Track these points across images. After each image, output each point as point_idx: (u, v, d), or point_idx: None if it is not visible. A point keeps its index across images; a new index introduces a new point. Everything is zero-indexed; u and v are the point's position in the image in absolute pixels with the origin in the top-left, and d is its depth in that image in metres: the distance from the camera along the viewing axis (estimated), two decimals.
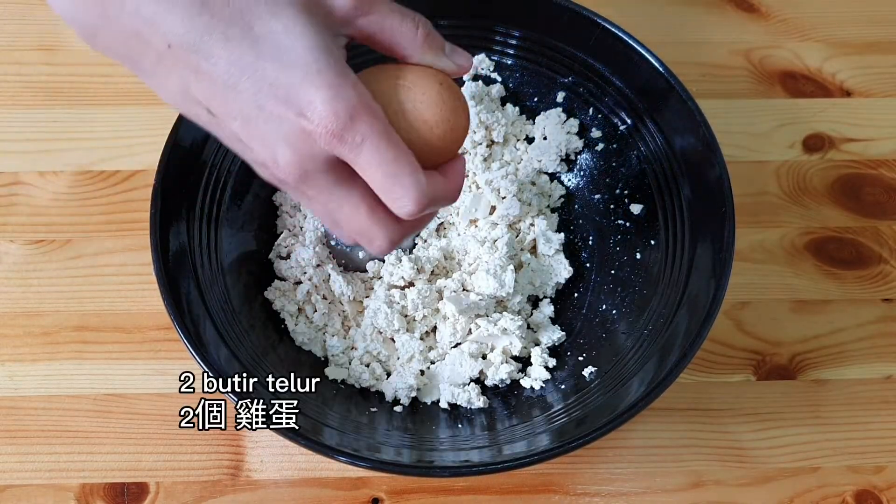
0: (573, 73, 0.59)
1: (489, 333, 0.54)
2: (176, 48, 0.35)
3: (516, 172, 0.60)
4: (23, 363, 0.57)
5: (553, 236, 0.58)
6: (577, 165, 0.61)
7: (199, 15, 0.35)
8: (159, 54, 0.36)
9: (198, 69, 0.36)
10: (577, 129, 0.60)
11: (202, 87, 0.36)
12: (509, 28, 0.59)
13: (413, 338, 0.55)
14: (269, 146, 0.37)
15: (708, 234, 0.52)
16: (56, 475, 0.53)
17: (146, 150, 0.63)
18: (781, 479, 0.55)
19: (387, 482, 0.54)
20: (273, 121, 0.36)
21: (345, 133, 0.36)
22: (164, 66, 0.36)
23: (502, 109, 0.61)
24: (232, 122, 0.37)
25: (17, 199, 0.62)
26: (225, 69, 0.35)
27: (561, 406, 0.51)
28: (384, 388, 0.54)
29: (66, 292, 0.59)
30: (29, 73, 0.66)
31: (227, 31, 0.35)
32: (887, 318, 0.60)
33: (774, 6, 0.72)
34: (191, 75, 0.36)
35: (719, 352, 0.59)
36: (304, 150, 0.37)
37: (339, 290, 0.55)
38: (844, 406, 0.58)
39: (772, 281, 0.61)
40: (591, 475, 0.55)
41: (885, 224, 0.64)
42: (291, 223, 0.58)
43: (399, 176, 0.37)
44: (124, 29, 0.36)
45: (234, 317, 0.52)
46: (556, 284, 0.58)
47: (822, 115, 0.68)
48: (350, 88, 0.36)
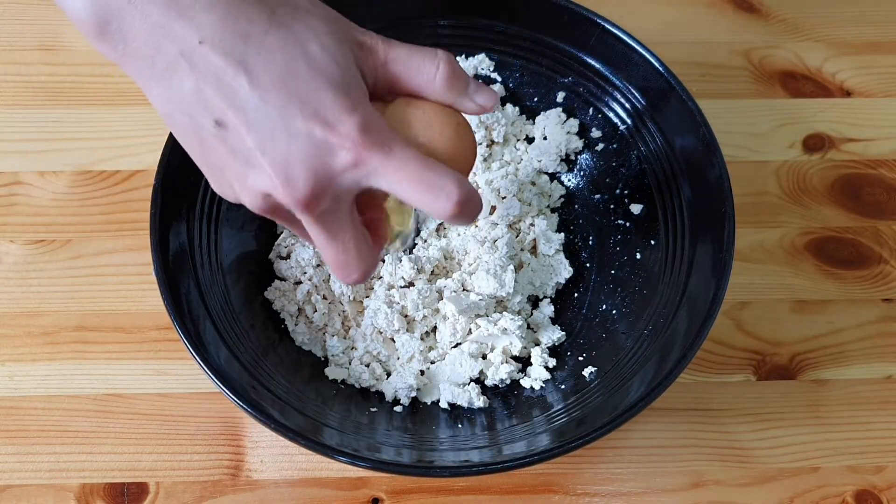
0: (573, 73, 0.59)
1: (489, 333, 0.54)
2: (207, 46, 0.35)
3: (516, 172, 0.60)
4: (23, 363, 0.57)
5: (553, 236, 0.58)
6: (577, 165, 0.61)
7: (237, 18, 0.35)
8: (183, 52, 0.35)
9: (224, 73, 0.35)
10: (577, 129, 0.60)
11: (225, 93, 0.35)
12: (509, 28, 0.59)
13: (413, 338, 0.55)
14: (286, 163, 0.36)
15: (708, 234, 0.52)
16: (56, 475, 0.53)
17: (146, 150, 0.63)
18: (781, 479, 0.55)
19: (387, 482, 0.54)
20: (298, 136, 0.35)
21: (374, 144, 0.36)
22: (181, 65, 0.35)
23: (502, 109, 0.61)
24: (247, 136, 0.36)
25: (17, 199, 0.62)
26: (256, 78, 0.35)
27: (561, 406, 0.51)
28: (384, 388, 0.54)
29: (66, 292, 0.59)
30: (29, 73, 0.66)
31: (265, 40, 0.35)
32: (887, 318, 0.60)
33: (774, 6, 0.72)
34: (212, 79, 0.35)
35: (719, 352, 0.59)
36: (324, 170, 0.36)
37: (340, 289, 0.55)
38: (844, 406, 0.58)
39: (772, 281, 0.61)
40: (591, 475, 0.55)
41: (885, 224, 0.64)
42: None
43: (435, 177, 0.37)
44: (149, 19, 0.35)
45: (234, 317, 0.52)
46: (557, 284, 0.58)
47: (822, 115, 0.68)
48: (375, 113, 0.37)
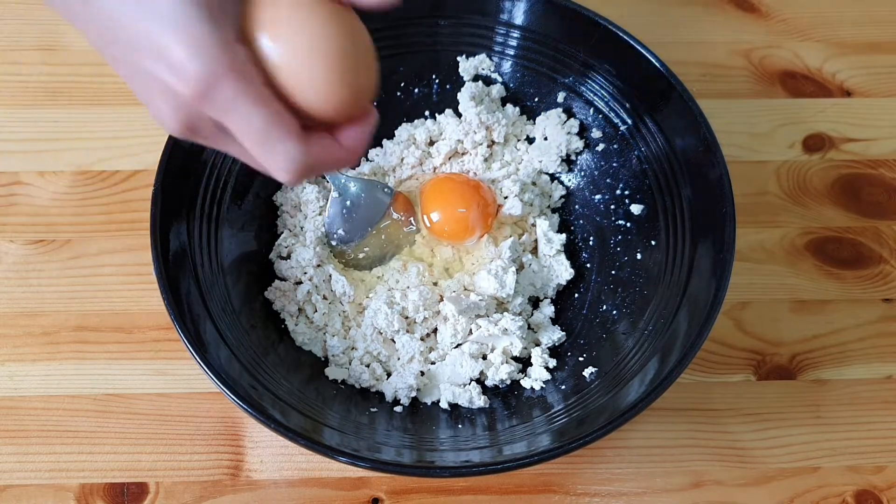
0: (573, 73, 0.59)
1: (490, 334, 0.54)
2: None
3: (517, 172, 0.60)
4: (23, 363, 0.57)
5: (554, 237, 0.58)
6: (577, 166, 0.61)
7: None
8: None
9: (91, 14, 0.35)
10: (578, 129, 0.60)
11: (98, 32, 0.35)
12: (509, 28, 0.59)
13: (413, 338, 0.55)
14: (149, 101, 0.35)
15: (708, 235, 0.52)
16: (56, 475, 0.53)
17: (146, 150, 0.63)
18: (781, 480, 0.55)
19: (387, 482, 0.54)
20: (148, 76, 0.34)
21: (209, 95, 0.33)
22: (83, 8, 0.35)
23: (502, 110, 0.61)
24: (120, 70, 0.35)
25: (17, 199, 0.62)
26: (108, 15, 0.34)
27: (561, 406, 0.51)
28: (384, 388, 0.54)
29: (66, 292, 0.59)
30: (29, 73, 0.66)
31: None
32: (887, 318, 0.60)
33: (774, 6, 0.72)
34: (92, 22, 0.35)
35: (719, 352, 0.59)
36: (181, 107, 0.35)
37: (342, 289, 0.55)
38: (844, 406, 0.58)
39: (772, 281, 0.61)
40: (591, 475, 0.55)
41: (885, 224, 0.64)
42: (292, 223, 0.58)
43: (270, 143, 0.35)
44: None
45: (235, 317, 0.52)
46: (557, 286, 0.58)
47: (822, 115, 0.68)
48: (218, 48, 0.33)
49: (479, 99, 0.60)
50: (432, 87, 0.62)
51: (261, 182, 0.57)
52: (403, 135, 0.61)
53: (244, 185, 0.56)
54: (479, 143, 0.60)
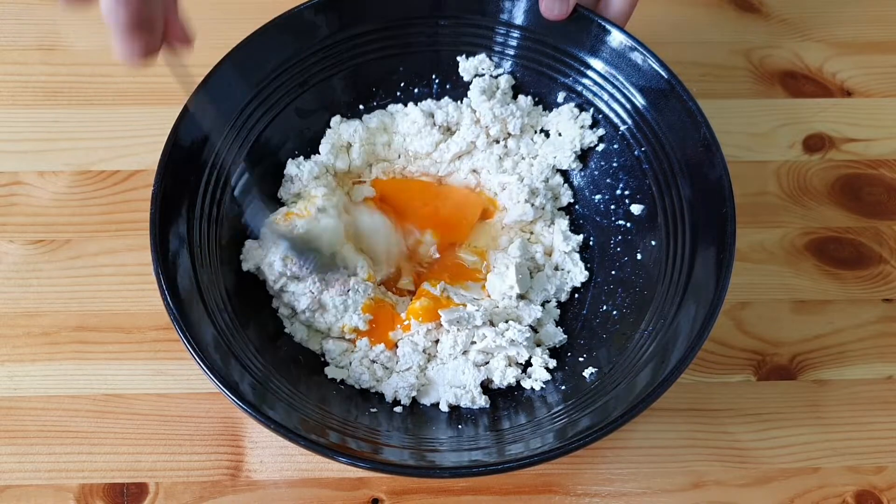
0: (573, 73, 0.59)
1: (497, 345, 0.53)
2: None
3: (530, 170, 0.60)
4: (23, 363, 0.57)
5: (572, 237, 0.58)
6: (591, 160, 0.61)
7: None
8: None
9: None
10: (591, 122, 0.60)
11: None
12: (509, 28, 0.59)
13: (416, 350, 0.55)
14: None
15: (709, 235, 0.52)
16: (55, 475, 0.53)
17: (146, 150, 0.63)
18: (781, 480, 0.55)
19: (387, 482, 0.54)
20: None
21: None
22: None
23: (515, 102, 0.61)
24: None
25: (17, 199, 0.62)
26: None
27: (561, 407, 0.51)
28: (384, 388, 0.54)
29: (66, 292, 0.59)
30: (29, 73, 0.66)
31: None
32: (887, 318, 0.60)
33: (774, 6, 0.72)
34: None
35: (719, 352, 0.59)
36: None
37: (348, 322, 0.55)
38: (845, 406, 0.57)
39: (772, 281, 0.61)
40: (592, 475, 0.55)
41: (885, 224, 0.64)
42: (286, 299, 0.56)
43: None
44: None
45: (234, 317, 0.52)
46: (572, 288, 0.58)
47: (823, 115, 0.68)
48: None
49: (490, 92, 0.60)
50: (432, 87, 0.62)
51: (261, 182, 0.57)
52: (419, 117, 0.60)
53: (244, 186, 0.56)
54: (493, 141, 0.60)
